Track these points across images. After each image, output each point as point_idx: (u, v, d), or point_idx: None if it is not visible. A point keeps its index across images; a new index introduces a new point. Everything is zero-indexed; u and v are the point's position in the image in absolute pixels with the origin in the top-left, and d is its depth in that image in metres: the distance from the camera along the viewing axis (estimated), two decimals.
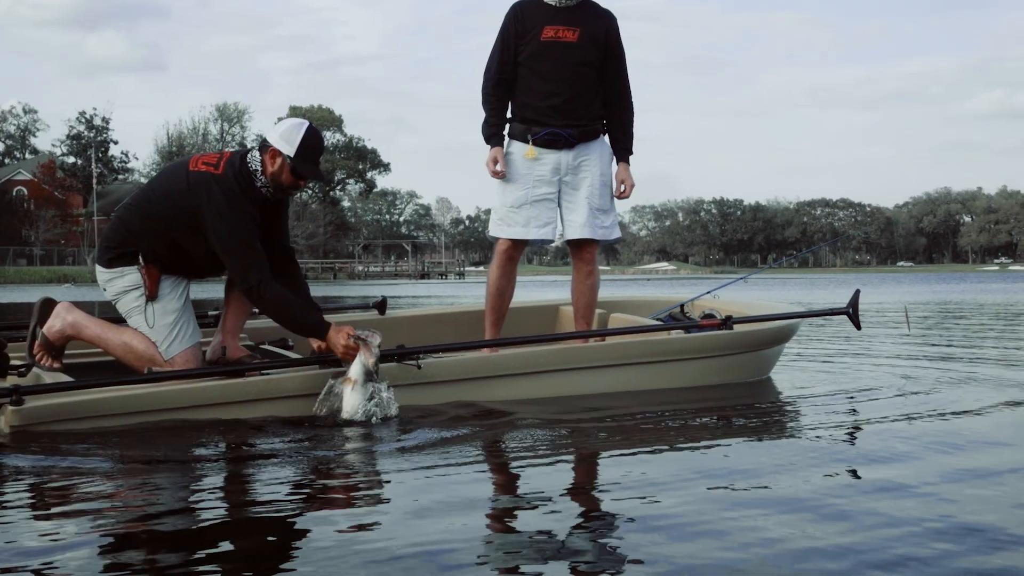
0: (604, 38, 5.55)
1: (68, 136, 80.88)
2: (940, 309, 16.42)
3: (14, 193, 78.96)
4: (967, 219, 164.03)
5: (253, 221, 4.60)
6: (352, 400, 4.38)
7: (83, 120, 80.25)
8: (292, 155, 4.62)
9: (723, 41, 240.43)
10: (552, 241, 5.64)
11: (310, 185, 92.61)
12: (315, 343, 4.74)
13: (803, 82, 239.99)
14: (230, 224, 4.53)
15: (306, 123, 4.75)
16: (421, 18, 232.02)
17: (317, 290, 37.94)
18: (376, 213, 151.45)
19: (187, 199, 4.58)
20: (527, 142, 5.51)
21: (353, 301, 6.53)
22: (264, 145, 4.68)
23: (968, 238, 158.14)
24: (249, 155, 4.70)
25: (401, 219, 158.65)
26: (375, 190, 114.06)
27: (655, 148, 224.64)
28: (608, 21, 5.59)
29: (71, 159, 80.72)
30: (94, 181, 75.53)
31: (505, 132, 5.63)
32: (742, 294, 7.74)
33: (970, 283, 41.83)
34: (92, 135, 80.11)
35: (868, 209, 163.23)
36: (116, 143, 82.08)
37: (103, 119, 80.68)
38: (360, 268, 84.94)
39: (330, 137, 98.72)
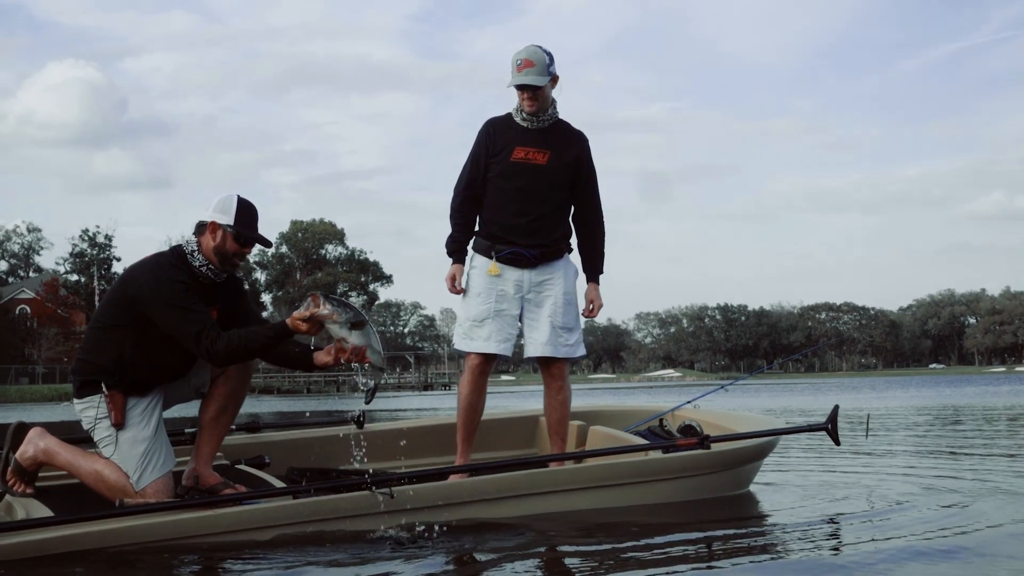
0: (575, 162, 5.59)
1: (71, 254, 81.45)
2: (938, 415, 16.36)
3: (17, 311, 79.37)
4: (972, 321, 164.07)
5: (187, 287, 4.68)
6: (360, 343, 4.67)
7: (86, 238, 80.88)
8: (232, 223, 4.77)
9: (724, 148, 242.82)
10: (509, 357, 5.63)
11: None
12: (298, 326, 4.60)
13: (804, 187, 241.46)
14: (164, 294, 4.62)
15: (236, 194, 4.86)
16: (423, 131, 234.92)
17: (319, 404, 37.80)
18: (380, 325, 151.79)
19: (121, 292, 4.75)
20: (491, 258, 5.55)
21: (334, 417, 6.54)
22: (200, 226, 4.81)
23: (974, 340, 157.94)
24: (183, 242, 4.84)
25: (405, 330, 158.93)
26: (378, 302, 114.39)
27: (659, 254, 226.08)
28: (579, 145, 5.63)
29: (74, 277, 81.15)
30: (96, 298, 75.81)
31: (470, 246, 5.68)
32: (726, 402, 7.68)
33: (977, 386, 41.65)
34: (95, 252, 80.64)
35: (872, 312, 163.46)
36: (119, 260, 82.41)
37: (106, 236, 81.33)
38: (363, 380, 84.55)
39: (332, 250, 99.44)
